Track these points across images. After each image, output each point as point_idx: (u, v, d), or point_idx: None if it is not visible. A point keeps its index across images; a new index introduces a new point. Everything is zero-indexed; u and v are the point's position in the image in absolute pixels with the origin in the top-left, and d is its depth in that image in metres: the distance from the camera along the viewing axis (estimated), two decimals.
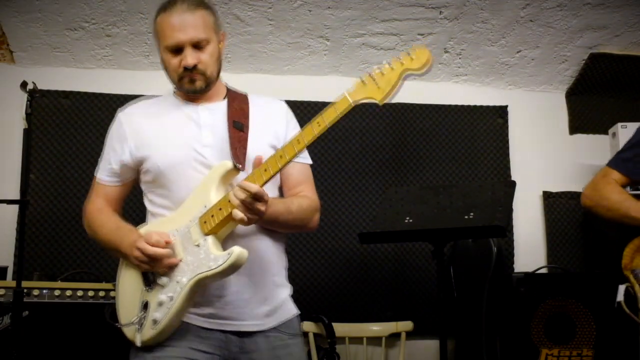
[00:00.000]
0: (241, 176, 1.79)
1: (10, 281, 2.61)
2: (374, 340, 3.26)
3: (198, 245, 1.74)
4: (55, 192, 3.27)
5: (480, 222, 2.42)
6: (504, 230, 2.40)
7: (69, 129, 3.34)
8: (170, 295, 1.74)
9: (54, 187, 3.27)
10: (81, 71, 3.48)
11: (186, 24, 1.84)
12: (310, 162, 2.06)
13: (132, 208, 2.20)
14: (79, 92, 3.39)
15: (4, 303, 2.52)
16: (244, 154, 1.83)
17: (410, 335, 3.22)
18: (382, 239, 2.97)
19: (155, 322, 1.74)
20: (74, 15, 3.20)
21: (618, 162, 2.53)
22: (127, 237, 1.83)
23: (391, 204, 2.71)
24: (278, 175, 1.89)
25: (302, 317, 3.15)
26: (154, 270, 1.78)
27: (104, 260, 3.20)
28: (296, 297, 2.04)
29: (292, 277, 3.59)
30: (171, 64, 1.88)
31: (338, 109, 1.69)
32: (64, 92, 3.38)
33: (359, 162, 3.53)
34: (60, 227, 3.23)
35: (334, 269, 3.40)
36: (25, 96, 2.32)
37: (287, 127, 1.99)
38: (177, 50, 1.85)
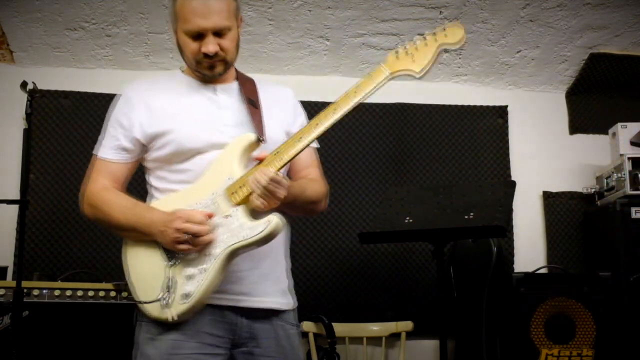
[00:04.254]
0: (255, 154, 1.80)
1: (10, 281, 2.60)
2: (374, 340, 3.26)
3: (228, 216, 1.72)
4: (55, 192, 3.27)
5: (480, 222, 2.42)
6: (504, 230, 2.40)
7: (69, 129, 3.34)
8: (203, 267, 1.70)
9: (54, 187, 3.27)
10: (81, 71, 3.48)
11: (210, 10, 1.78)
12: (318, 145, 2.05)
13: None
14: (79, 92, 3.39)
15: (4, 303, 2.52)
16: (262, 127, 1.84)
17: (410, 335, 3.22)
18: (382, 239, 2.97)
19: (186, 295, 1.70)
20: (74, 15, 3.20)
21: None
22: (150, 214, 1.77)
23: (391, 204, 2.71)
24: None
25: (302, 317, 3.19)
26: (190, 250, 1.71)
27: (104, 260, 3.20)
28: (296, 297, 2.04)
29: (293, 277, 3.59)
30: (190, 48, 1.83)
31: (375, 78, 1.71)
32: (64, 92, 3.38)
33: (359, 162, 3.53)
34: (60, 227, 3.23)
35: (334, 269, 3.40)
36: (25, 96, 2.33)
37: (294, 112, 2.01)
38: (198, 36, 1.80)
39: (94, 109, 3.37)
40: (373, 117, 3.57)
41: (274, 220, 1.67)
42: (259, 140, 1.79)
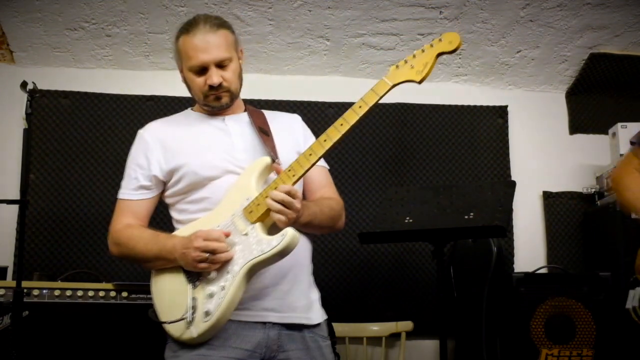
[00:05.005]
0: (272, 177, 1.87)
1: (10, 281, 2.60)
2: (374, 340, 3.26)
3: (246, 234, 1.76)
4: (55, 192, 3.27)
5: (480, 222, 2.42)
6: (504, 230, 2.40)
7: (69, 129, 3.34)
8: (222, 285, 1.73)
9: (54, 187, 3.27)
10: (81, 71, 3.48)
11: (210, 45, 1.90)
12: (328, 166, 2.15)
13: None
14: (79, 92, 3.39)
15: (4, 303, 2.52)
16: (276, 152, 1.91)
17: (410, 335, 3.22)
18: (382, 239, 2.97)
19: (207, 313, 1.72)
20: (74, 15, 3.20)
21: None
22: (171, 241, 1.82)
23: (391, 204, 2.71)
24: (302, 180, 1.96)
25: None
26: (210, 268, 1.75)
27: (104, 260, 3.20)
28: None
29: None
30: (196, 83, 1.94)
31: (378, 92, 1.84)
32: (64, 92, 3.38)
33: (359, 162, 3.53)
34: (60, 227, 3.23)
35: (334, 269, 3.40)
36: (25, 96, 2.32)
37: (304, 136, 2.10)
38: (202, 70, 1.92)
39: (94, 109, 3.37)
40: (373, 117, 3.57)
41: (289, 232, 1.70)
42: (273, 161, 1.86)
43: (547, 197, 3.67)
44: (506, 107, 3.73)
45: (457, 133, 3.65)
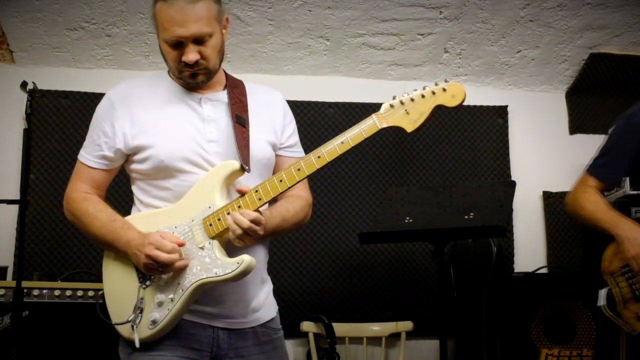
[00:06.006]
0: (244, 178, 1.79)
1: (10, 281, 2.61)
2: (374, 340, 3.26)
3: (202, 248, 1.71)
4: (55, 192, 3.26)
5: (480, 222, 2.42)
6: (504, 230, 2.40)
7: (69, 129, 3.34)
8: (171, 297, 1.71)
9: (54, 187, 3.27)
10: (81, 71, 3.48)
11: (187, 18, 1.71)
12: (304, 154, 2.00)
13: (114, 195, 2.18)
14: (79, 92, 3.39)
15: (4, 303, 2.52)
16: (248, 153, 1.80)
17: (410, 335, 3.22)
18: (382, 239, 2.97)
19: (154, 322, 1.72)
20: (74, 15, 3.20)
21: (594, 168, 2.56)
22: (127, 234, 1.76)
23: (391, 204, 2.71)
24: (272, 164, 1.91)
25: (302, 317, 3.19)
26: (161, 274, 1.73)
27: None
28: (296, 297, 2.05)
29: (293, 277, 3.61)
30: (170, 56, 1.79)
31: (365, 133, 1.75)
32: (64, 92, 3.38)
33: (359, 162, 3.53)
34: (60, 227, 3.23)
35: (334, 269, 3.40)
36: (25, 96, 2.32)
37: (284, 121, 1.98)
38: (177, 44, 1.76)
39: (94, 109, 3.32)
40: None
41: (245, 261, 1.65)
42: (243, 169, 1.76)
43: (547, 197, 3.67)
44: (506, 107, 3.73)
45: (457, 133, 3.65)
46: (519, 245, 3.59)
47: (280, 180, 1.72)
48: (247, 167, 1.76)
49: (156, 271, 1.71)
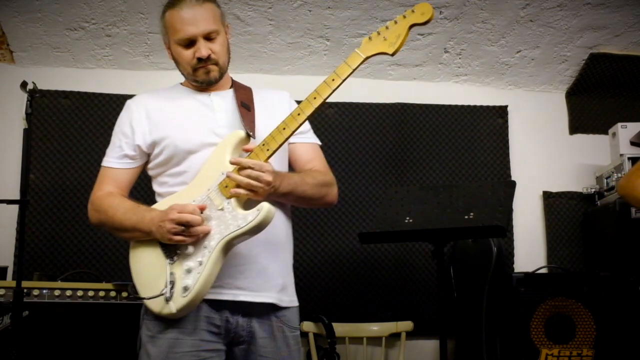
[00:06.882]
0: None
1: (10, 281, 2.60)
2: (374, 340, 3.26)
3: (222, 209, 1.78)
4: (55, 192, 3.27)
5: (480, 222, 2.42)
6: (504, 230, 2.40)
7: (69, 129, 3.34)
8: (200, 260, 1.75)
9: (54, 187, 3.27)
10: (81, 71, 3.48)
11: (197, 17, 1.90)
12: (319, 142, 2.14)
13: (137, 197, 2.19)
14: (79, 92, 3.39)
15: (4, 303, 2.52)
16: (253, 126, 1.92)
17: (410, 335, 3.22)
18: (382, 239, 2.97)
19: (186, 289, 1.75)
20: (74, 15, 3.20)
21: None
22: (149, 214, 1.84)
23: (391, 204, 2.71)
24: (286, 156, 2.00)
25: (302, 317, 3.18)
26: (186, 241, 1.77)
27: (104, 260, 3.20)
28: (296, 297, 2.05)
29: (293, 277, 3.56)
30: (184, 57, 1.94)
31: (351, 64, 1.83)
32: (64, 92, 3.38)
33: (359, 162, 3.53)
34: (60, 227, 3.23)
35: (334, 269, 3.40)
36: (25, 96, 2.32)
37: (290, 111, 2.02)
38: (190, 43, 1.92)
39: (94, 109, 3.37)
40: (373, 117, 3.57)
41: (264, 207, 1.72)
42: (248, 135, 1.87)
43: (547, 197, 3.67)
44: (506, 107, 3.73)
45: (457, 133, 3.65)
46: (519, 245, 3.59)
47: (284, 128, 1.83)
48: (251, 133, 1.88)
49: (181, 236, 1.75)
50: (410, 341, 3.29)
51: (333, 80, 1.83)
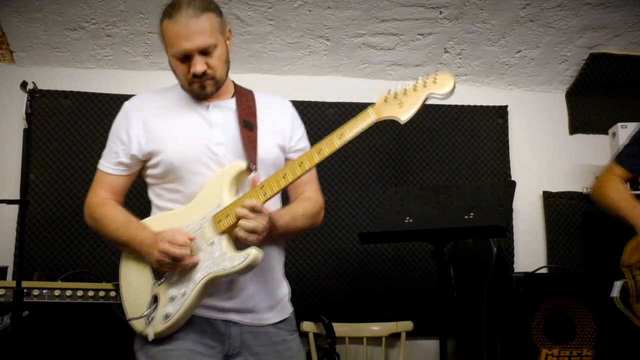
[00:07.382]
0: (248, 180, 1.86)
1: (10, 281, 2.60)
2: (374, 340, 3.26)
3: (212, 244, 1.77)
4: (55, 192, 3.27)
5: (480, 222, 2.42)
6: (504, 230, 2.40)
7: (69, 129, 3.34)
8: (183, 291, 1.77)
9: (54, 187, 3.27)
10: (81, 71, 3.48)
11: (192, 32, 1.82)
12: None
13: (133, 200, 2.19)
14: (79, 92, 3.39)
15: (4, 303, 2.52)
16: (255, 154, 1.87)
17: (410, 335, 3.22)
18: (382, 239, 2.97)
19: (167, 316, 1.77)
20: (74, 15, 3.20)
21: (621, 157, 2.54)
22: (141, 234, 1.83)
23: (391, 204, 2.71)
24: (281, 165, 1.95)
25: (302, 317, 3.19)
26: (172, 270, 1.78)
27: (104, 260, 3.20)
28: (296, 297, 2.05)
29: (293, 277, 3.58)
30: (180, 70, 1.91)
31: (360, 124, 1.80)
32: (64, 92, 3.38)
33: (359, 162, 3.53)
34: (60, 227, 3.23)
35: (334, 269, 3.40)
36: (25, 96, 2.33)
37: (292, 126, 2.05)
38: (185, 58, 1.86)
39: (94, 109, 3.37)
40: None
41: (252, 253, 1.70)
42: (249, 169, 1.83)
43: (547, 197, 3.67)
44: (506, 107, 3.73)
45: (457, 133, 3.65)
46: (519, 245, 3.59)
47: (284, 176, 1.79)
48: (253, 167, 1.83)
49: (168, 266, 1.77)
50: (410, 341, 3.29)
51: (340, 137, 1.78)
